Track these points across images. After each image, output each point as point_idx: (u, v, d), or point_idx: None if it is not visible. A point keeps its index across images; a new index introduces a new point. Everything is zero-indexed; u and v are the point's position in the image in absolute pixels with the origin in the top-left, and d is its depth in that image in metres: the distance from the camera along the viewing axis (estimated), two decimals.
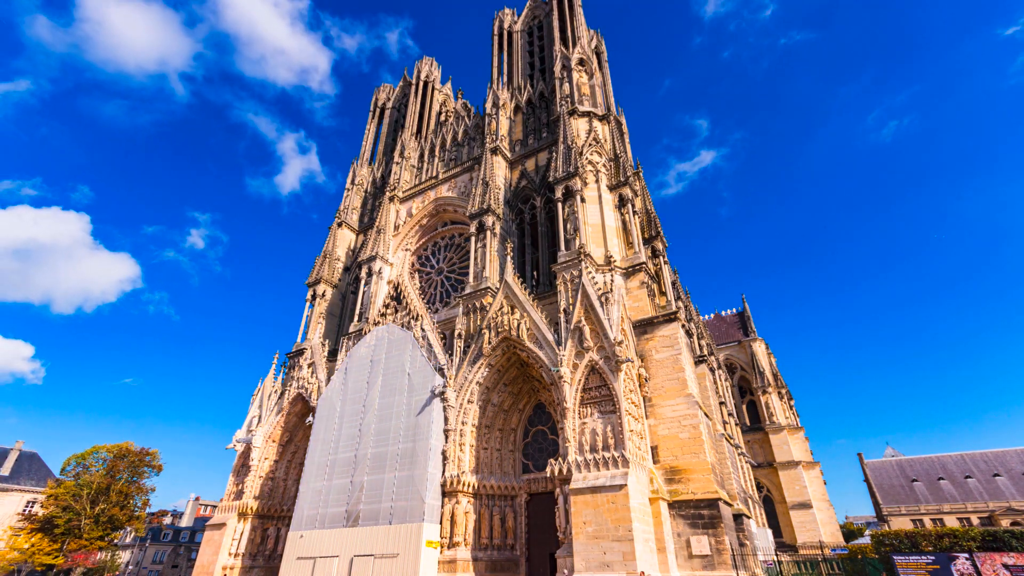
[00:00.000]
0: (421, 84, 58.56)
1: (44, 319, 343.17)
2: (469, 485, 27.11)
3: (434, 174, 46.30)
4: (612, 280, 27.37)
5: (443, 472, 27.21)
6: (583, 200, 33.21)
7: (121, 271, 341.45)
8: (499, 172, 39.64)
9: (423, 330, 32.44)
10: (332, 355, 41.53)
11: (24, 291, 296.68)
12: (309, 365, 38.85)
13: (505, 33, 52.06)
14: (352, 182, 53.89)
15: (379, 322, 35.10)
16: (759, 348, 77.83)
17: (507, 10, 53.73)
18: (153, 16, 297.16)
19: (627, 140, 42.45)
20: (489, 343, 29.20)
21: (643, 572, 19.53)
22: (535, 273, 36.18)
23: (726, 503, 24.56)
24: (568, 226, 32.01)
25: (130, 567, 79.47)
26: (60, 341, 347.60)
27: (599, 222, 33.21)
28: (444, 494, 26.80)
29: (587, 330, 25.55)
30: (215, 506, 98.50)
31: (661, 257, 35.61)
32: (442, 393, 28.81)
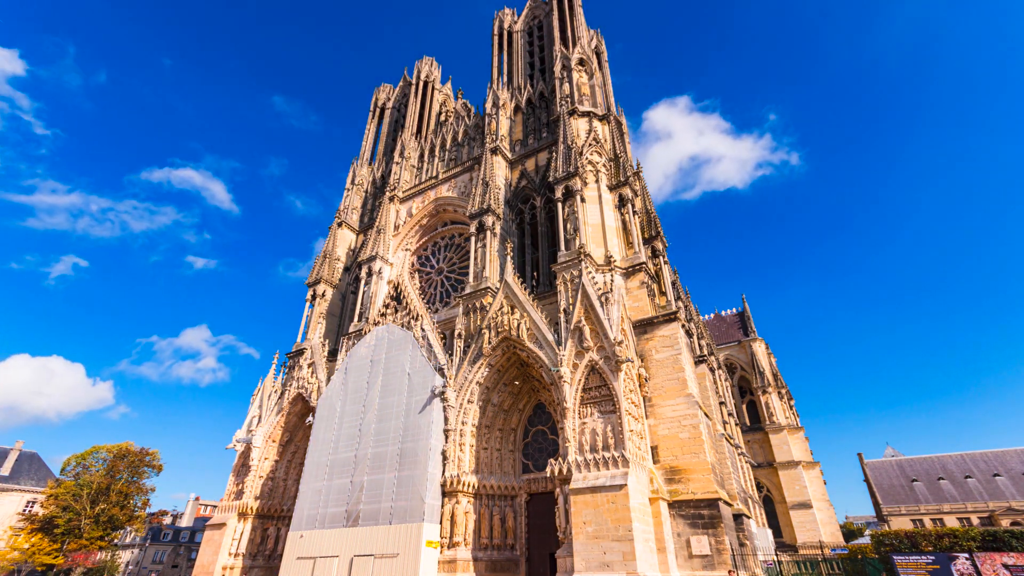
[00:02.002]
0: (421, 84, 58.53)
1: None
2: (469, 485, 27.09)
3: (434, 174, 46.29)
4: (612, 280, 27.34)
5: (443, 472, 27.18)
6: (583, 200, 33.19)
7: None
8: (499, 172, 39.62)
9: (423, 330, 32.42)
10: (332, 355, 41.53)
11: None
12: (309, 365, 38.85)
13: (505, 33, 52.03)
14: (352, 182, 53.89)
15: (379, 322, 35.07)
16: (759, 348, 77.81)
17: (507, 10, 53.69)
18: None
19: (627, 140, 42.44)
20: (489, 343, 29.18)
21: None
22: (535, 273, 36.17)
23: (726, 503, 24.55)
24: (568, 226, 31.99)
25: (130, 567, 79.44)
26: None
27: (599, 222, 33.19)
28: (444, 494, 26.78)
29: (587, 330, 25.52)
30: (215, 506, 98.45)
31: (661, 257, 35.60)
32: (442, 393, 28.79)
